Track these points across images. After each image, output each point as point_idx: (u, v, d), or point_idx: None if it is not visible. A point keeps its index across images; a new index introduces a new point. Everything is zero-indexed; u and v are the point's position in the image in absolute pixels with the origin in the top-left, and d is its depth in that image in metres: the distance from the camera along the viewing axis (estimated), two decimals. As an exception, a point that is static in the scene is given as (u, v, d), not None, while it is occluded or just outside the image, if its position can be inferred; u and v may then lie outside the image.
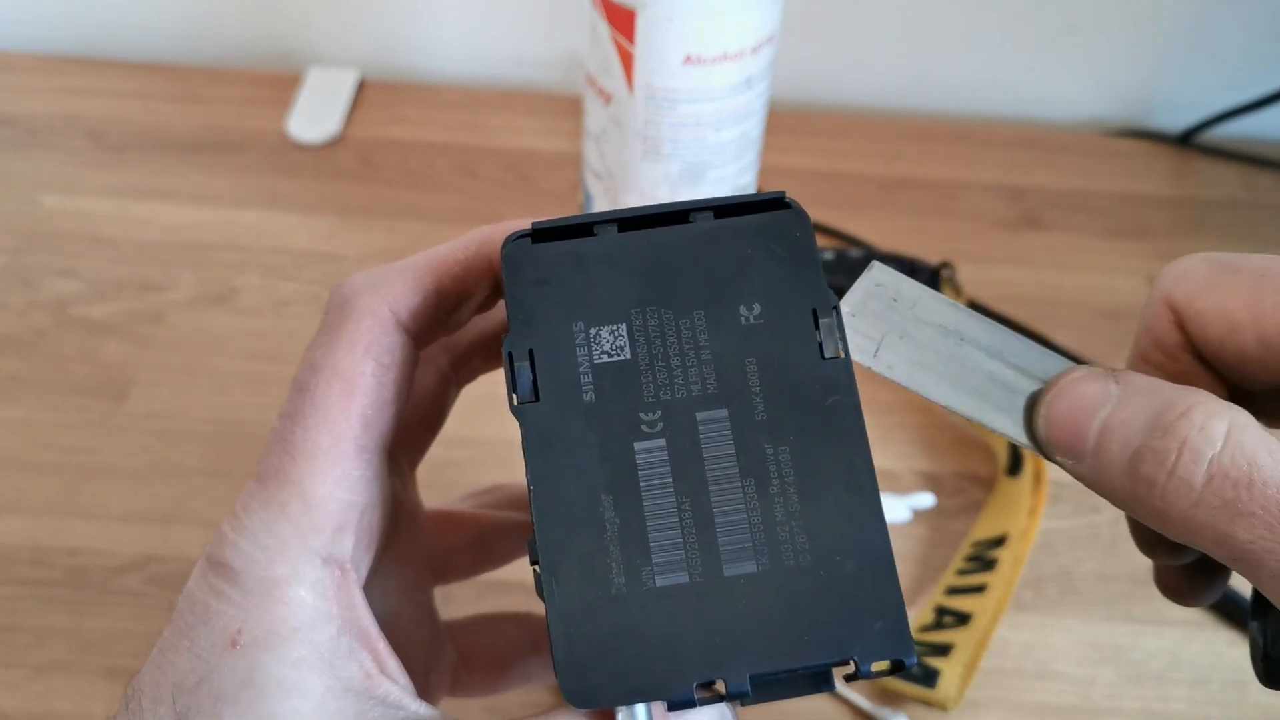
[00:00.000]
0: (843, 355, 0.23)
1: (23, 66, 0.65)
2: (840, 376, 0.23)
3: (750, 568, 0.22)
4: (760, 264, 0.24)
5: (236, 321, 0.52)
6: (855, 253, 0.54)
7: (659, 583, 0.22)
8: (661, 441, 0.23)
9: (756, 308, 0.24)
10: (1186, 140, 0.65)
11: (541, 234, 0.24)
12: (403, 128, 0.62)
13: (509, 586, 0.42)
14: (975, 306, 0.54)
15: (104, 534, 0.44)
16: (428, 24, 0.66)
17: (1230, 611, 0.43)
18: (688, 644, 0.22)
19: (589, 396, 0.23)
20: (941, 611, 0.42)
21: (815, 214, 0.59)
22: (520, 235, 0.24)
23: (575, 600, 0.22)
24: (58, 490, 0.45)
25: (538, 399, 0.23)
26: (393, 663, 0.23)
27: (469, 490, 0.36)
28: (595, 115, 0.48)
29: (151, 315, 0.52)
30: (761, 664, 0.22)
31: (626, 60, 0.44)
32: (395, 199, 0.58)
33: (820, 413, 0.23)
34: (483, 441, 0.46)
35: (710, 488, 0.23)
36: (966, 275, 0.54)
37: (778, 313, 0.24)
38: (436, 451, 0.31)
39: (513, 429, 0.23)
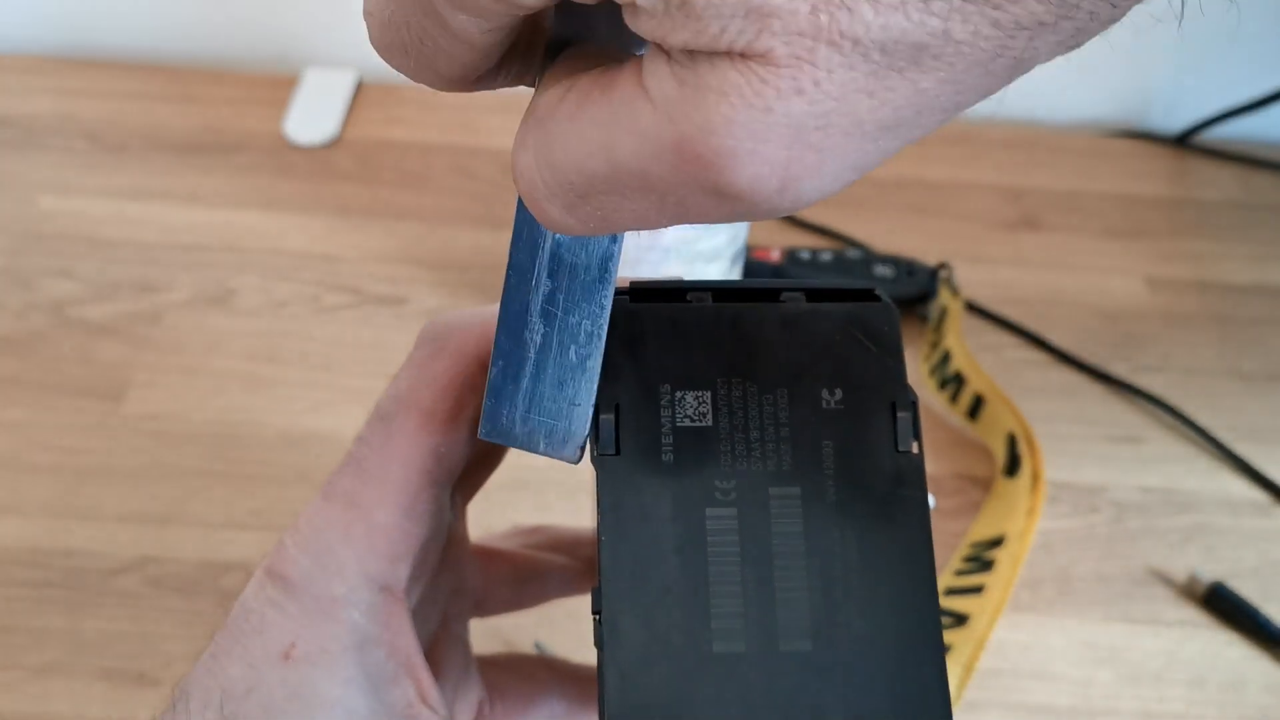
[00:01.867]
0: (916, 451, 0.24)
1: (20, 67, 0.64)
2: (912, 471, 0.23)
3: (805, 645, 0.22)
4: (846, 351, 0.24)
5: (234, 322, 0.52)
6: (853, 253, 0.54)
7: (716, 649, 0.22)
8: (733, 510, 0.23)
9: (838, 393, 0.24)
10: (1184, 141, 0.65)
11: (638, 294, 0.24)
12: (400, 129, 0.62)
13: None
14: (971, 307, 0.54)
15: (101, 535, 0.44)
16: (425, 25, 0.66)
17: (1229, 612, 0.43)
18: (736, 713, 0.22)
19: (668, 457, 0.23)
20: (941, 614, 0.42)
21: (813, 214, 0.59)
22: (617, 292, 0.24)
23: (632, 655, 0.22)
24: (55, 491, 0.45)
25: (618, 452, 0.23)
26: (434, 693, 0.24)
27: (515, 526, 0.36)
28: (593, 116, 0.48)
29: (149, 316, 0.52)
30: None
31: (624, 61, 0.44)
32: (393, 200, 0.58)
33: (889, 504, 0.23)
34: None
35: (775, 562, 0.23)
36: (964, 276, 0.54)
37: (858, 401, 0.24)
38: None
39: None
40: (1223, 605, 0.43)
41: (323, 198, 0.58)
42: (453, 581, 0.30)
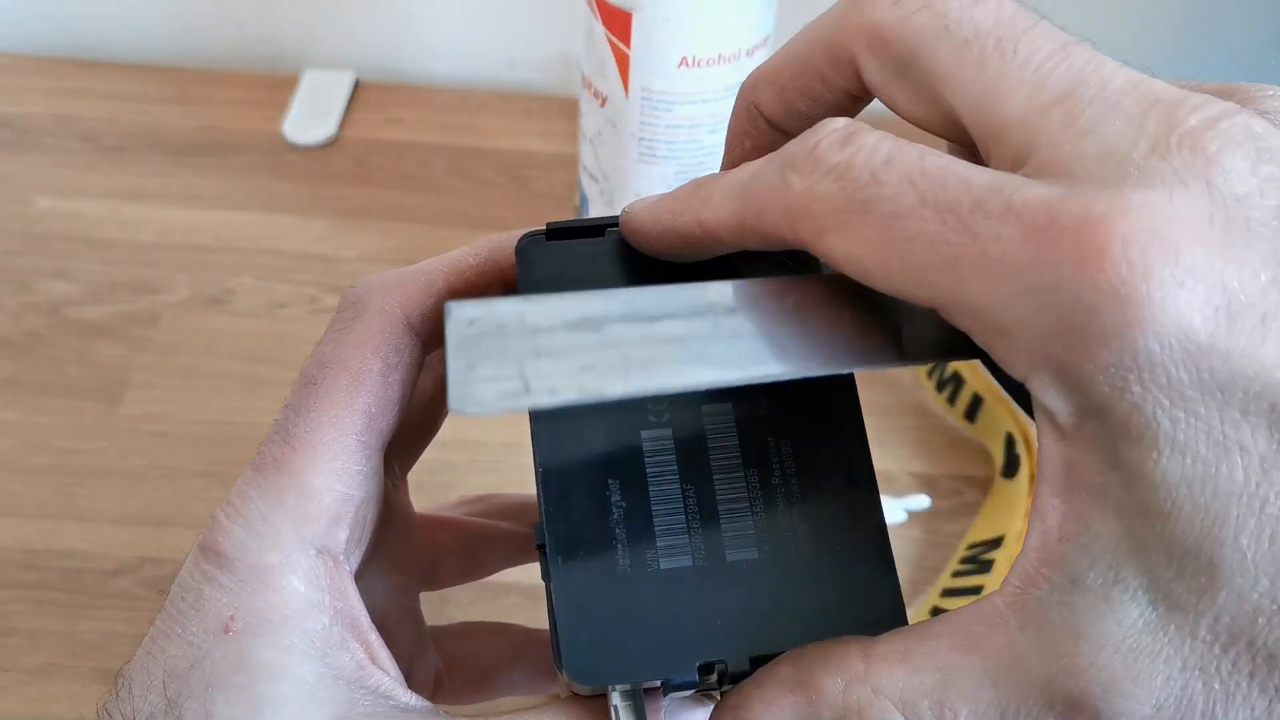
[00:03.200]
0: None
1: (16, 67, 0.64)
2: (841, 376, 0.24)
3: (752, 554, 0.23)
4: (766, 268, 0.25)
5: (232, 323, 0.52)
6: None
7: (663, 565, 0.23)
8: (668, 430, 0.24)
9: None
10: (1181, 142, 0.65)
11: (555, 233, 0.24)
12: (398, 129, 0.62)
13: (506, 589, 0.42)
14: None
15: (98, 537, 0.43)
16: (423, 26, 0.66)
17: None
18: (690, 626, 0.22)
19: None
20: (938, 613, 0.42)
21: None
22: (535, 234, 0.25)
23: (580, 580, 0.22)
24: (52, 493, 0.45)
25: None
26: (384, 654, 0.23)
27: (461, 497, 0.36)
28: (591, 117, 0.48)
29: (146, 317, 0.52)
30: (761, 647, 0.22)
31: (622, 62, 0.44)
32: (391, 201, 0.58)
33: (822, 410, 0.24)
34: (478, 444, 0.45)
35: (714, 476, 0.23)
36: (962, 277, 0.54)
37: None
38: (432, 454, 0.31)
39: (507, 432, 0.23)
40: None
41: (321, 198, 0.58)
42: (398, 554, 0.29)
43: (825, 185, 0.19)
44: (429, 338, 0.25)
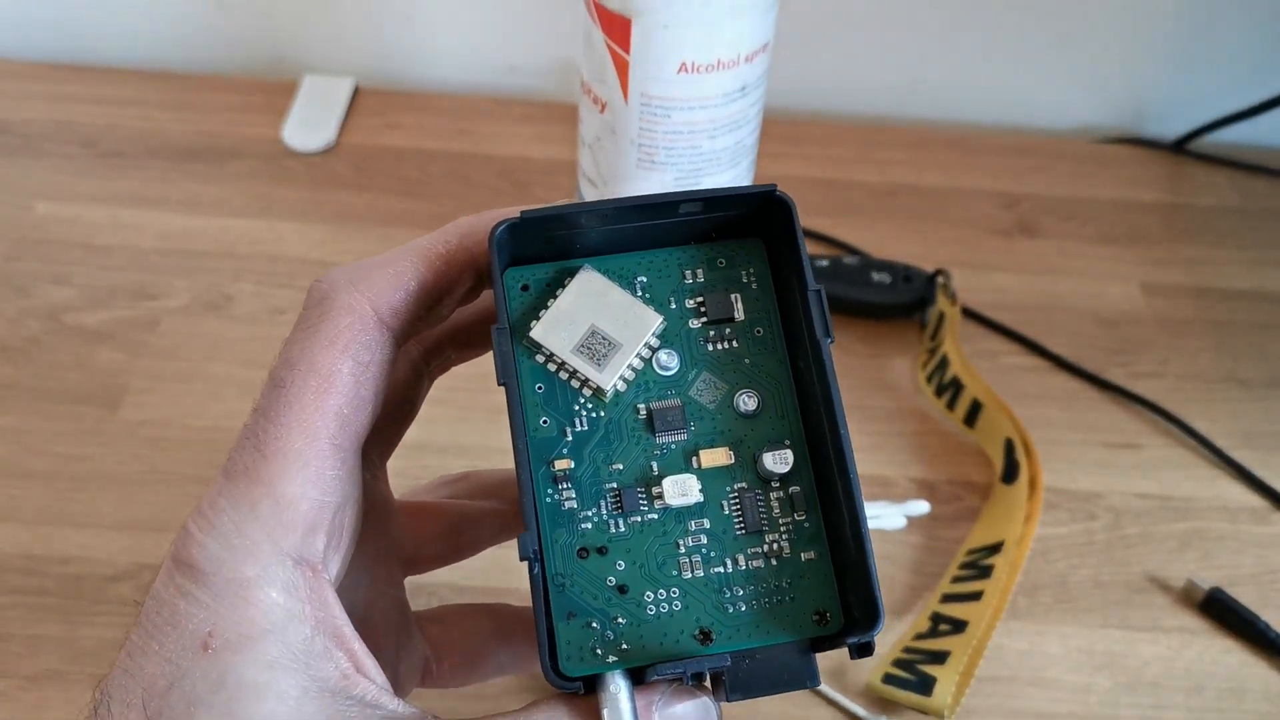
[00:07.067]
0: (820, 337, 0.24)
1: (16, 73, 0.64)
2: (820, 356, 0.24)
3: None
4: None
5: (230, 329, 0.52)
6: (850, 260, 0.54)
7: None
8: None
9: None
10: (1180, 147, 0.65)
11: (530, 221, 0.24)
12: (397, 135, 0.62)
13: (506, 593, 0.42)
14: (969, 313, 0.54)
15: (97, 542, 0.43)
16: (422, 32, 0.66)
17: (1227, 618, 0.43)
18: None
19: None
20: (937, 619, 0.42)
21: (810, 222, 0.59)
22: (509, 221, 0.24)
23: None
24: (50, 498, 0.45)
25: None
26: (369, 662, 0.23)
27: (441, 476, 0.35)
28: (590, 123, 0.48)
29: (145, 323, 0.52)
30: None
31: (621, 68, 0.44)
32: (390, 206, 0.58)
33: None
34: (477, 449, 0.45)
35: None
36: (961, 282, 0.54)
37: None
38: (429, 458, 0.31)
39: (506, 437, 0.23)
40: (1221, 612, 0.43)
41: (320, 204, 0.58)
42: (380, 544, 0.29)
43: None
44: (400, 331, 0.25)
